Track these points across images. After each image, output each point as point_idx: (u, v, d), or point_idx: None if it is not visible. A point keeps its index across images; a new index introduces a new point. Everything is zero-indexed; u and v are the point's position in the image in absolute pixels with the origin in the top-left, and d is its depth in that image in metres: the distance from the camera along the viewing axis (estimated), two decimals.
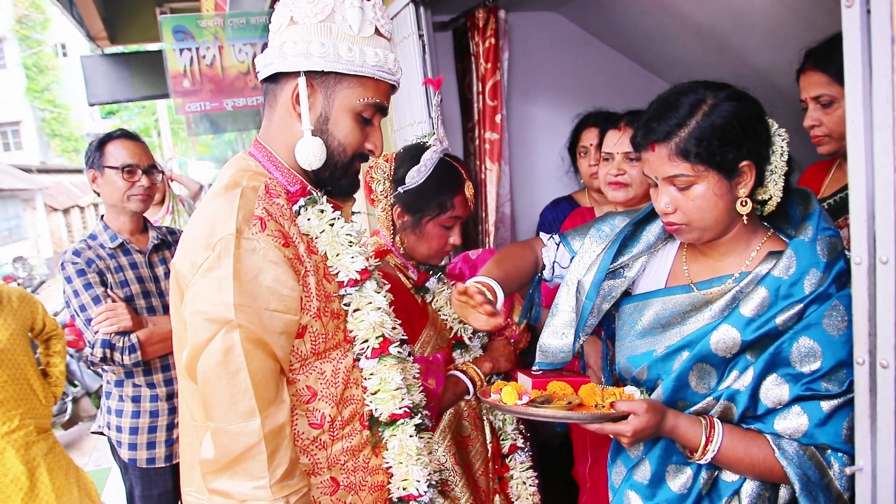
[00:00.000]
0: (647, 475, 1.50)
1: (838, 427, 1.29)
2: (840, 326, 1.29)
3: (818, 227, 1.35)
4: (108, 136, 2.59)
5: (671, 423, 1.39)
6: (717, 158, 1.34)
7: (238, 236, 1.28)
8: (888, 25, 0.92)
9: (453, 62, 3.45)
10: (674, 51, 3.41)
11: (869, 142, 0.98)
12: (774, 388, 1.34)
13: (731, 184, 1.37)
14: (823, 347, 1.29)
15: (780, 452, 1.32)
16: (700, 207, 1.37)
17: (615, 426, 1.38)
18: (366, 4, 1.40)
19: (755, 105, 1.39)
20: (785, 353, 1.32)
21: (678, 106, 1.37)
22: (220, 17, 5.07)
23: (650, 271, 1.62)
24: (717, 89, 1.38)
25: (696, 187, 1.36)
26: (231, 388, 1.26)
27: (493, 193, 3.14)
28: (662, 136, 1.37)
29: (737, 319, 1.36)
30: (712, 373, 1.41)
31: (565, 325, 1.64)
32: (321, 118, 1.41)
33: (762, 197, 1.40)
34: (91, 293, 2.41)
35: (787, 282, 1.33)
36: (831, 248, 1.33)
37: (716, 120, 1.34)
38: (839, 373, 1.29)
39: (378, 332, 1.45)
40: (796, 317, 1.32)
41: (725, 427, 1.38)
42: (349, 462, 1.43)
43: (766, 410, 1.36)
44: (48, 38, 23.73)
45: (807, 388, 1.31)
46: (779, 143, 1.39)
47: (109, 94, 7.79)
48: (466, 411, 2.00)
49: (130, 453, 2.54)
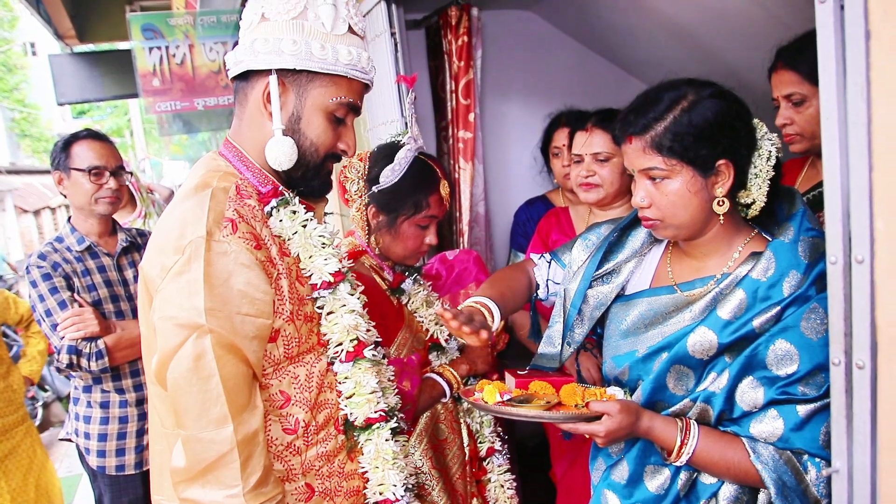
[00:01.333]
0: (625, 475, 1.49)
1: (815, 432, 1.28)
2: (819, 329, 1.27)
3: (800, 227, 1.34)
4: (73, 137, 2.51)
5: (646, 424, 1.40)
6: (690, 154, 1.34)
7: (208, 239, 1.26)
8: (862, 20, 0.91)
9: (426, 60, 3.43)
10: (647, 49, 3.42)
11: (844, 140, 0.98)
12: (750, 391, 1.33)
13: (706, 181, 1.36)
14: (800, 350, 1.28)
15: (755, 456, 1.32)
16: (673, 203, 1.37)
17: (589, 426, 1.39)
18: (339, 2, 1.38)
19: (738, 105, 1.38)
20: (761, 355, 1.31)
21: (658, 101, 1.38)
22: (190, 16, 5.01)
23: (637, 274, 1.61)
24: (700, 87, 1.38)
25: (670, 182, 1.37)
26: (202, 395, 1.24)
27: (468, 193, 3.13)
28: (639, 128, 1.38)
29: (714, 322, 1.36)
30: (690, 375, 1.41)
31: (557, 334, 1.65)
32: (293, 117, 1.39)
33: (745, 200, 1.40)
34: (57, 298, 2.36)
35: (765, 284, 1.32)
36: (813, 250, 1.32)
37: (693, 116, 1.34)
38: (816, 377, 1.28)
39: (352, 335, 1.43)
40: (774, 319, 1.31)
41: (702, 429, 1.37)
42: (324, 467, 1.41)
43: (742, 413, 1.35)
44: (16, 36, 23.32)
45: (782, 391, 1.30)
46: (766, 147, 1.38)
47: (79, 93, 7.66)
48: (443, 414, 1.98)
49: (99, 460, 2.49)
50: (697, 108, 1.34)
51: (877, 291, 0.96)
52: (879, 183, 0.92)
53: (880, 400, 0.97)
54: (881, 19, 0.89)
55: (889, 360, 0.95)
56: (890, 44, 0.89)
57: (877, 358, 0.97)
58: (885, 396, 0.96)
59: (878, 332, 0.96)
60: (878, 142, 0.92)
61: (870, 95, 0.91)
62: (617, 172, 2.24)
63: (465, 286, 2.26)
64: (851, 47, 0.94)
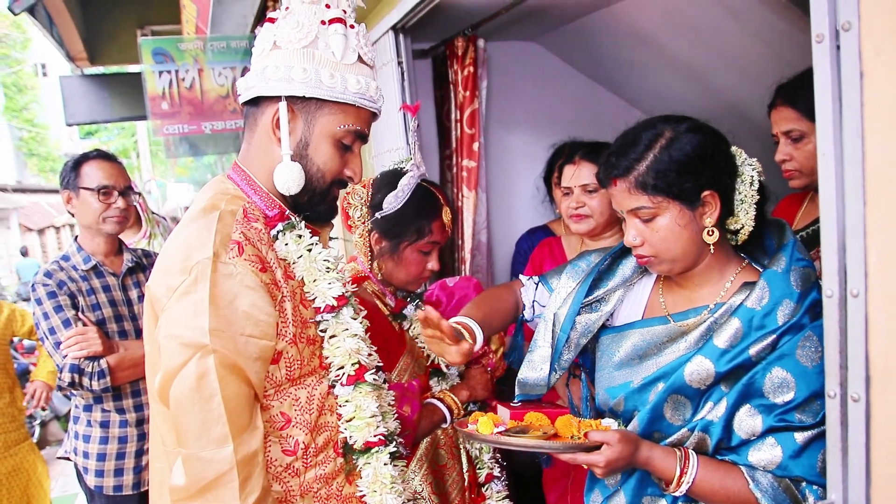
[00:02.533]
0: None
1: (812, 459, 1.29)
2: (814, 357, 1.29)
3: (792, 257, 1.36)
4: (83, 157, 2.55)
5: (645, 454, 1.40)
6: (675, 189, 1.37)
7: (215, 260, 1.27)
8: (857, 61, 0.94)
9: (432, 90, 3.48)
10: (651, 82, 3.47)
11: (840, 175, 1.00)
12: (748, 419, 1.34)
13: (694, 213, 1.39)
14: (797, 378, 1.29)
15: (754, 484, 1.32)
16: (665, 238, 1.40)
17: (588, 456, 1.38)
18: (349, 32, 1.41)
19: (715, 136, 1.41)
20: (758, 383, 1.32)
21: (637, 141, 1.41)
22: (200, 41, 5.07)
23: (628, 304, 1.62)
24: (675, 122, 1.42)
25: (660, 219, 1.39)
26: (204, 414, 1.24)
27: (470, 221, 3.16)
28: (622, 170, 1.41)
29: (710, 351, 1.37)
30: (687, 404, 1.42)
31: (542, 359, 1.65)
32: (301, 143, 1.41)
33: (734, 226, 1.42)
34: (61, 316, 2.37)
35: (759, 312, 1.34)
36: (805, 279, 1.35)
37: (673, 152, 1.37)
38: (813, 404, 1.29)
39: (354, 359, 1.44)
40: (770, 347, 1.33)
41: (700, 458, 1.38)
42: (322, 490, 1.41)
43: (740, 442, 1.36)
44: (28, 57, 23.60)
45: (780, 419, 1.31)
46: (748, 173, 1.41)
47: (88, 114, 7.73)
48: (443, 440, 1.99)
49: (97, 480, 2.48)
50: (676, 143, 1.38)
51: (870, 324, 0.97)
52: (872, 218, 0.95)
53: (873, 431, 0.99)
54: (873, 59, 0.91)
55: (882, 392, 0.97)
56: (881, 83, 0.92)
57: (870, 390, 0.98)
58: (878, 428, 0.98)
59: (871, 365, 0.98)
60: (870, 177, 0.95)
61: (863, 132, 0.94)
62: (606, 203, 2.27)
63: None
64: (847, 86, 0.97)
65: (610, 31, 3.22)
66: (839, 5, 0.96)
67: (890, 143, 0.92)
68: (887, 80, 0.92)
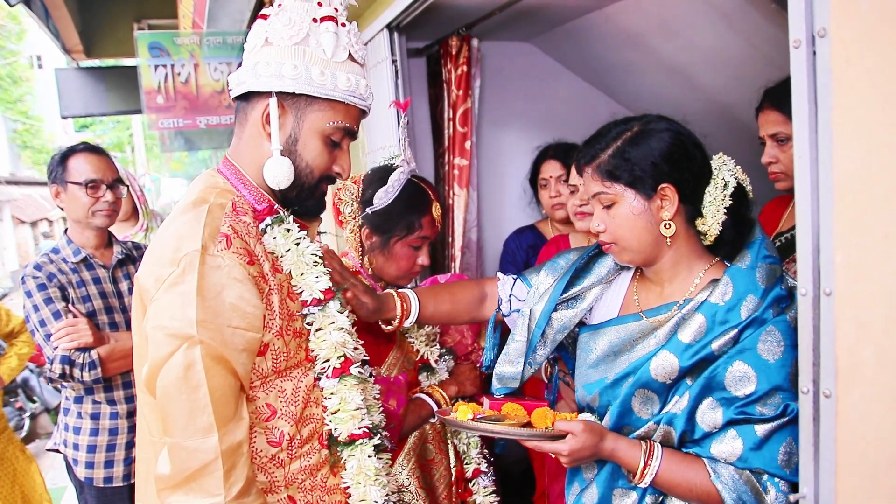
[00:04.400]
0: (595, 498, 1.52)
1: (773, 452, 1.30)
2: (775, 351, 1.31)
3: (758, 254, 1.39)
4: (70, 150, 2.52)
5: (611, 445, 1.44)
6: (630, 178, 1.42)
7: (203, 253, 1.29)
8: (831, 67, 0.97)
9: (426, 88, 3.50)
10: (642, 84, 3.49)
11: (815, 177, 1.02)
12: (710, 411, 1.36)
13: (649, 204, 1.43)
14: (757, 371, 1.31)
15: (715, 476, 1.34)
16: (621, 226, 1.45)
17: (553, 444, 1.44)
18: (340, 30, 1.43)
19: (685, 136, 1.45)
20: (720, 376, 1.35)
21: (608, 133, 1.48)
22: (196, 36, 5.07)
23: (605, 301, 1.65)
24: (649, 120, 1.47)
25: (617, 206, 1.45)
26: (190, 404, 1.26)
27: (461, 219, 3.18)
28: (588, 158, 1.48)
29: (675, 345, 1.40)
30: (655, 399, 1.45)
31: (518, 353, 1.68)
32: (290, 139, 1.43)
33: (702, 228, 1.45)
34: (51, 308, 2.36)
35: (723, 308, 1.37)
36: (770, 275, 1.38)
37: (635, 144, 1.43)
38: (774, 397, 1.31)
39: (339, 352, 1.45)
40: (731, 341, 1.35)
41: (665, 451, 1.40)
42: (307, 481, 1.43)
43: (703, 434, 1.38)
44: (23, 48, 23.49)
45: (740, 411, 1.33)
46: (723, 176, 1.44)
47: (83, 107, 7.71)
48: (431, 434, 2.00)
49: (87, 472, 2.48)
50: (640, 136, 1.43)
51: (836, 322, 1.00)
52: (839, 219, 0.97)
53: (839, 426, 1.01)
54: (843, 67, 0.94)
55: (847, 387, 0.99)
56: (850, 90, 0.95)
57: (837, 386, 1.01)
58: (844, 422, 1.00)
59: (838, 361, 1.00)
60: (838, 180, 0.97)
61: (833, 137, 0.96)
62: None
63: None
64: (822, 91, 0.99)
65: (602, 33, 3.25)
66: (815, 12, 0.99)
67: (857, 148, 0.95)
68: (855, 87, 0.94)
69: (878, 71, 0.92)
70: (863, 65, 0.93)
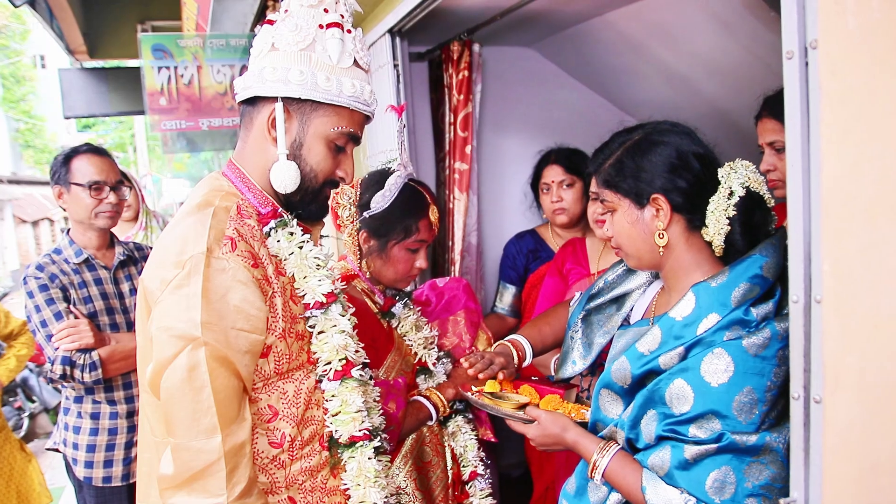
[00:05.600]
0: (574, 487, 1.56)
1: (701, 476, 1.26)
2: (720, 377, 1.26)
3: (745, 272, 1.34)
4: (73, 151, 2.53)
5: (573, 437, 1.54)
6: (624, 186, 1.45)
7: (208, 255, 1.30)
8: (820, 78, 0.99)
9: (428, 92, 3.52)
10: (643, 90, 3.51)
11: (806, 186, 1.04)
12: (650, 423, 1.36)
13: (641, 213, 1.44)
14: (696, 392, 1.28)
15: (645, 485, 1.34)
16: (619, 233, 1.49)
17: (523, 426, 1.63)
18: (346, 36, 1.45)
19: (686, 146, 1.42)
20: (661, 391, 1.34)
21: (613, 142, 1.52)
22: (200, 38, 5.10)
23: (639, 307, 1.67)
24: (651, 131, 1.47)
25: (616, 214, 1.49)
26: (194, 405, 1.28)
27: (461, 223, 3.19)
28: (595, 166, 1.54)
29: (632, 353, 1.41)
30: (618, 401, 1.48)
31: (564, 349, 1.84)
32: (295, 143, 1.45)
33: (707, 238, 1.41)
34: (53, 309, 2.37)
35: (679, 323, 1.35)
36: (744, 296, 1.32)
37: (631, 153, 1.45)
38: (710, 422, 1.27)
39: (341, 355, 1.47)
40: (678, 357, 1.34)
41: (619, 452, 1.43)
42: (307, 482, 1.45)
43: (645, 445, 1.39)
44: (27, 48, 23.54)
45: (670, 428, 1.31)
46: (731, 185, 1.39)
47: (86, 107, 7.73)
48: (429, 437, 2.02)
49: (86, 471, 2.49)
50: (639, 147, 1.45)
51: (824, 328, 1.02)
52: (827, 227, 1.00)
53: (826, 431, 1.03)
54: (829, 78, 0.96)
55: (833, 392, 1.01)
56: (836, 101, 0.97)
57: (824, 392, 1.03)
58: (831, 427, 1.02)
59: (825, 367, 1.02)
60: (826, 189, 1.00)
61: (821, 147, 0.99)
62: None
63: (454, 313, 2.31)
64: (814, 101, 1.01)
65: (603, 39, 3.26)
66: (808, 24, 1.01)
67: (843, 158, 0.97)
68: (841, 98, 0.96)
69: (861, 84, 0.94)
70: (848, 78, 0.95)
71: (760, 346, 1.25)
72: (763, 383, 1.25)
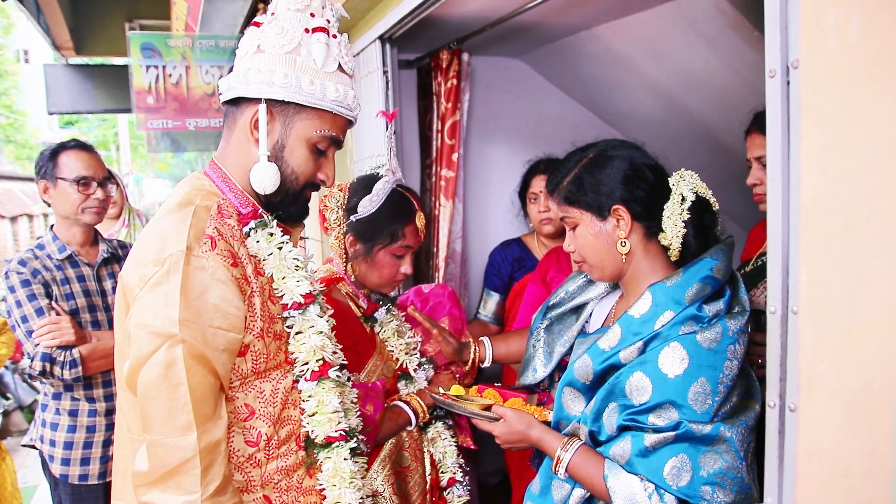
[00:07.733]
0: (538, 487, 1.60)
1: (659, 463, 1.33)
2: (676, 369, 1.35)
3: (698, 273, 1.43)
4: (61, 146, 2.51)
5: (537, 435, 1.58)
6: (584, 201, 1.52)
7: (188, 253, 1.30)
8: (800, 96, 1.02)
9: (416, 99, 3.53)
10: (628, 104, 3.55)
11: (786, 201, 1.07)
12: (612, 415, 1.43)
13: (604, 224, 1.51)
14: (654, 383, 1.36)
15: (607, 475, 1.40)
16: (583, 246, 1.55)
17: (488, 425, 1.67)
18: (332, 41, 1.45)
19: (638, 159, 1.52)
20: (622, 384, 1.41)
21: (569, 161, 1.58)
22: (189, 38, 5.10)
23: (597, 315, 1.72)
24: (605, 147, 1.55)
25: (579, 228, 1.55)
26: (170, 402, 1.27)
27: (446, 230, 3.20)
28: (553, 186, 1.59)
29: (594, 350, 1.49)
30: (580, 398, 1.53)
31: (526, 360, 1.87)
32: (277, 145, 1.45)
33: (664, 242, 1.50)
34: (34, 304, 2.36)
35: (638, 320, 1.44)
36: (697, 294, 1.42)
37: (588, 169, 1.52)
38: (667, 411, 1.35)
39: (318, 356, 1.48)
40: (637, 352, 1.42)
41: (581, 447, 1.48)
42: (283, 481, 1.45)
43: (607, 438, 1.45)
44: (10, 42, 23.35)
45: (631, 418, 1.38)
46: (681, 191, 1.49)
47: (70, 104, 7.69)
48: (408, 442, 2.02)
49: (63, 468, 2.47)
50: (595, 163, 1.52)
51: (800, 338, 1.04)
52: (804, 239, 1.02)
53: (800, 437, 1.05)
54: (809, 97, 0.99)
55: (808, 400, 1.03)
56: (815, 120, 0.99)
57: (799, 399, 1.05)
58: (804, 434, 1.04)
59: (800, 375, 1.05)
60: (805, 202, 1.02)
61: (800, 162, 1.01)
62: None
63: (438, 319, 2.31)
64: (794, 119, 1.04)
65: (591, 52, 3.30)
66: (790, 44, 1.03)
67: (822, 173, 1.00)
68: (821, 116, 0.99)
69: (840, 103, 0.97)
70: (827, 96, 0.98)
71: (713, 341, 1.35)
72: (716, 375, 1.33)
